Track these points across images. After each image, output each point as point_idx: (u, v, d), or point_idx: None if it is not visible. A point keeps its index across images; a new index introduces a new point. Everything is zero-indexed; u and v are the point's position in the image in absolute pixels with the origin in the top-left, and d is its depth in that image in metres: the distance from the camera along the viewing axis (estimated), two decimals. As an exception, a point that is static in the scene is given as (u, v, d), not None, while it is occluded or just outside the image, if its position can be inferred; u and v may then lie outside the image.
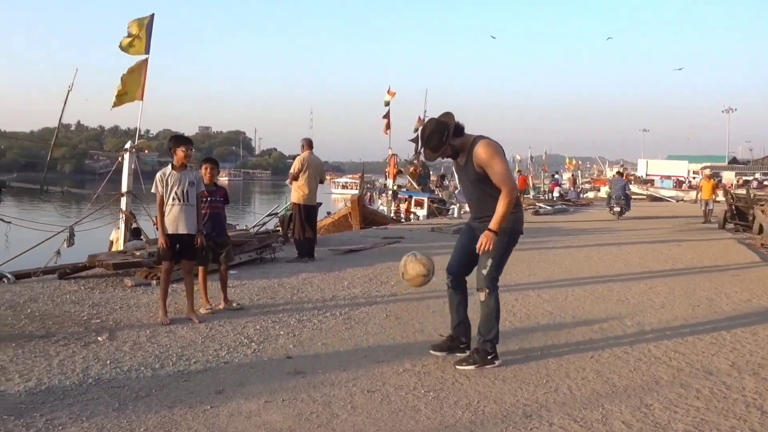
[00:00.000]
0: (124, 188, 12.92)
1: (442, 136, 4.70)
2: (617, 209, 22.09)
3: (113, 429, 3.61)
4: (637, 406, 4.15)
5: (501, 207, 4.60)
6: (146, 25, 12.72)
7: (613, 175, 28.11)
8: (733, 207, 18.70)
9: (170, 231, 6.07)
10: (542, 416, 3.94)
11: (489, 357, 4.84)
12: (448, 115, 4.78)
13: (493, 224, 4.63)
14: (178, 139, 6.25)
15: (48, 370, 4.56)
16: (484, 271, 4.79)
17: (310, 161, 10.34)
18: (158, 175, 6.16)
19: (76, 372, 4.54)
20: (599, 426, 3.81)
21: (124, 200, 12.78)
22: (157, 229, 6.42)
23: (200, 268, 6.59)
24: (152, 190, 6.24)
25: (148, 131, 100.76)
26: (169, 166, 6.21)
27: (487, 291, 4.80)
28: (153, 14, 12.82)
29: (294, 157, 11.47)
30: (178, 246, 6.16)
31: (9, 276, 7.85)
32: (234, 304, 6.67)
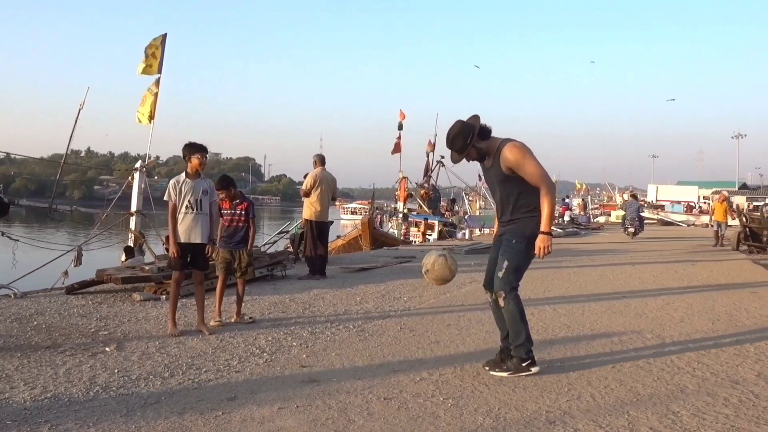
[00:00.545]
0: (133, 208, 12.89)
1: (467, 138, 4.61)
2: (631, 230, 23.31)
3: (121, 434, 3.48)
4: (664, 413, 3.98)
5: (546, 207, 4.55)
6: (160, 44, 12.83)
7: (628, 198, 29.69)
8: (747, 228, 18.45)
9: (182, 240, 5.97)
10: (566, 422, 3.78)
11: (524, 364, 4.69)
12: (474, 118, 4.70)
13: (544, 226, 4.57)
14: (193, 147, 6.13)
15: (54, 378, 4.45)
16: (500, 274, 4.67)
17: (322, 177, 10.25)
18: (171, 182, 6.07)
19: (82, 380, 4.42)
20: (626, 432, 3.65)
21: (133, 220, 12.74)
22: (163, 242, 6.31)
23: (219, 279, 6.48)
24: (164, 198, 6.14)
25: (158, 157, 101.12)
26: (183, 174, 6.12)
27: (503, 295, 4.66)
28: (165, 33, 12.92)
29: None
30: (189, 256, 6.05)
31: (16, 290, 7.76)
32: (246, 318, 6.55)
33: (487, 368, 4.78)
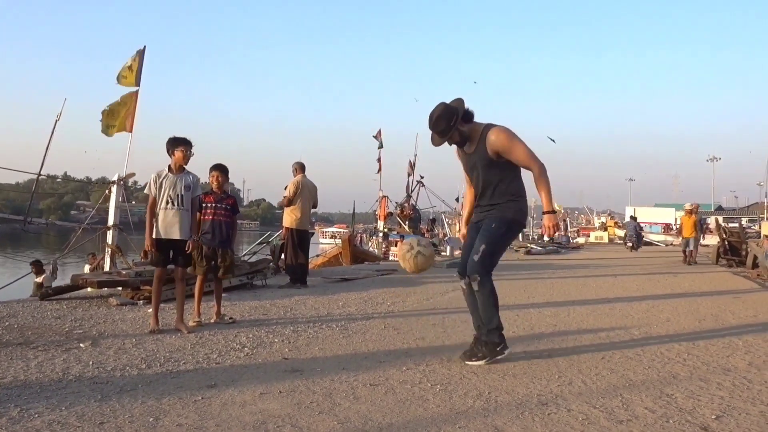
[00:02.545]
0: (110, 221, 12.63)
1: (450, 120, 4.50)
2: (630, 244, 28.28)
3: (94, 416, 3.30)
4: (658, 395, 3.88)
5: (543, 186, 4.47)
6: (138, 57, 12.66)
7: (629, 219, 33.75)
8: (726, 242, 18.55)
9: (163, 236, 5.80)
10: (559, 404, 3.66)
11: (498, 348, 4.58)
12: (457, 101, 4.61)
13: (546, 206, 4.52)
14: (176, 140, 5.95)
15: (25, 369, 4.25)
16: (476, 257, 4.54)
17: (304, 184, 10.11)
18: (153, 175, 5.89)
19: (55, 371, 4.23)
20: (621, 411, 3.54)
21: (110, 234, 12.48)
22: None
23: (198, 278, 6.30)
24: (145, 191, 5.98)
25: (136, 182, 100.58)
26: (166, 168, 5.96)
27: (478, 279, 4.53)
28: (144, 46, 12.78)
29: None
30: (171, 252, 5.88)
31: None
32: (227, 318, 6.38)
33: (464, 360, 4.65)
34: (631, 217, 33.40)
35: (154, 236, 5.80)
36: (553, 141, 39.31)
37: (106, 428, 3.12)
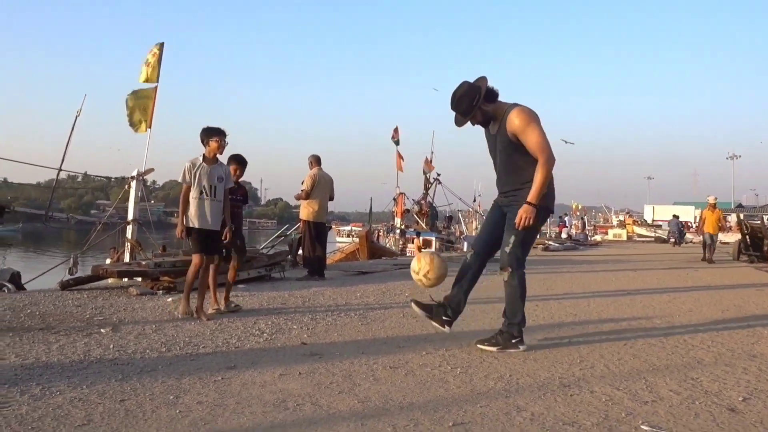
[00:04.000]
0: (130, 216, 12.69)
1: (473, 100, 4.37)
2: (673, 240, 32.97)
3: (115, 394, 3.31)
4: (683, 379, 3.83)
5: (539, 177, 4.27)
6: (158, 52, 12.69)
7: (672, 217, 35.86)
8: (747, 237, 18.29)
9: (198, 225, 5.80)
10: (582, 386, 3.62)
11: (513, 341, 4.51)
12: (481, 79, 4.47)
13: (531, 197, 4.29)
14: (211, 130, 5.91)
15: (47, 352, 4.27)
16: (507, 248, 4.48)
17: (320, 177, 10.09)
18: (187, 164, 5.86)
19: (76, 353, 4.24)
20: (645, 393, 3.49)
21: (130, 228, 12.54)
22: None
23: (211, 267, 6.30)
24: (179, 180, 5.95)
25: (154, 182, 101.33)
26: (200, 157, 5.94)
27: (510, 270, 4.49)
28: (163, 42, 12.82)
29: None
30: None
31: (9, 286, 7.59)
32: (232, 305, 6.35)
33: (477, 345, 4.60)
34: (674, 215, 35.78)
35: (188, 225, 5.79)
36: (572, 143, 39.42)
37: (127, 405, 3.12)
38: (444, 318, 4.63)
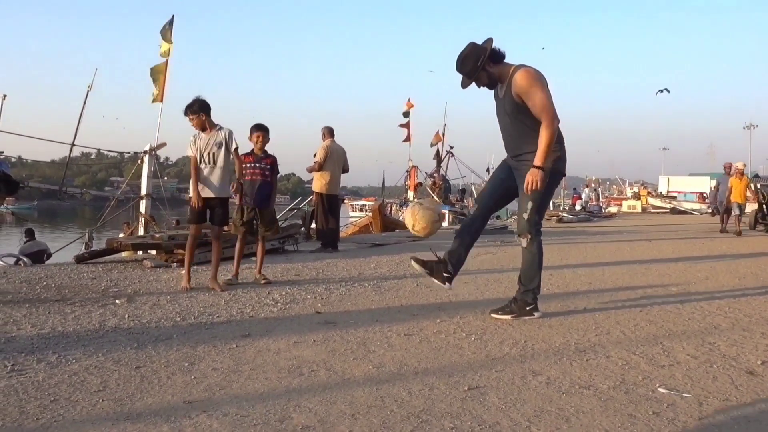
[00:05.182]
0: (143, 191, 12.70)
1: (478, 60, 4.28)
2: (712, 210, 27.81)
3: (130, 361, 3.32)
4: (700, 343, 3.80)
5: (543, 139, 4.16)
6: (169, 27, 12.61)
7: (711, 188, 32.65)
8: (764, 207, 18.05)
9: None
10: (597, 351, 3.60)
11: (528, 308, 4.48)
12: (487, 41, 4.38)
13: (537, 160, 4.18)
14: (189, 104, 5.98)
15: (62, 322, 4.30)
16: (525, 215, 4.43)
17: (333, 149, 10.04)
18: (191, 138, 5.95)
19: (92, 323, 4.27)
20: (662, 357, 3.47)
21: (143, 203, 12.56)
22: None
23: (239, 238, 6.31)
24: (186, 153, 5.98)
25: (167, 158, 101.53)
26: (199, 131, 5.98)
27: (529, 236, 4.46)
28: (173, 16, 12.72)
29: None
30: (207, 211, 5.91)
31: (25, 260, 7.65)
32: (262, 280, 6.34)
33: (492, 314, 4.58)
34: (714, 185, 34.25)
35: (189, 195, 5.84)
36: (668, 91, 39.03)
37: (142, 372, 3.14)
38: (444, 274, 4.60)
